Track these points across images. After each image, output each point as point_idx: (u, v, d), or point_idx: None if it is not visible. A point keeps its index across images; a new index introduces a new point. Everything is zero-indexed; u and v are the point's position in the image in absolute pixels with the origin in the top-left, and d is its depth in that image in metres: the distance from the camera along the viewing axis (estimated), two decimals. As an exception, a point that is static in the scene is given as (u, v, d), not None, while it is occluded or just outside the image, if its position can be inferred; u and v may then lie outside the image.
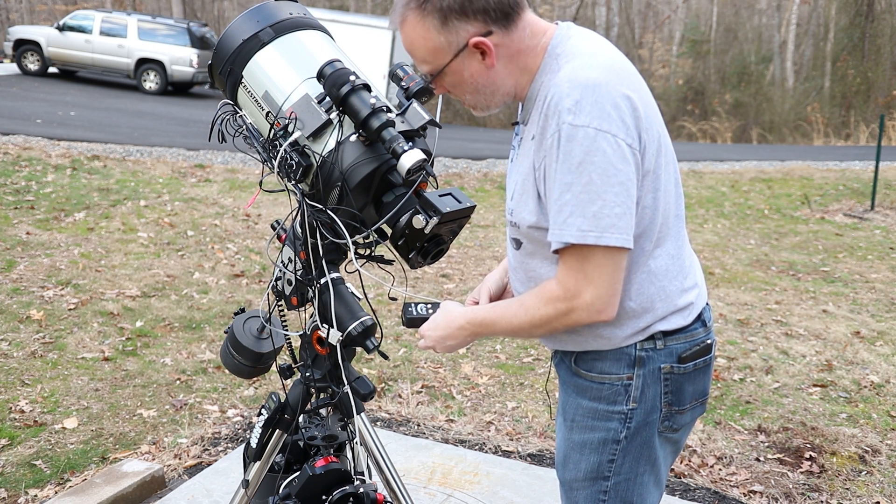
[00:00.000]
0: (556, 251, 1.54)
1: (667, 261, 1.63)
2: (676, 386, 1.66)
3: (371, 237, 1.79)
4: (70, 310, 5.00)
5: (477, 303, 1.95)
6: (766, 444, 3.77)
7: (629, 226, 1.50)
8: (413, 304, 1.84)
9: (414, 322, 1.81)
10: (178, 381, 4.15)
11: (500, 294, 1.94)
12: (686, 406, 1.69)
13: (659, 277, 1.62)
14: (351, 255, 1.76)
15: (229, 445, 3.48)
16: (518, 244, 1.68)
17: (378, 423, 3.74)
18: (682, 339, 1.66)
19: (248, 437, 3.00)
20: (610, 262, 1.50)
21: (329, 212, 1.71)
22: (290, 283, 1.90)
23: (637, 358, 1.63)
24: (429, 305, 1.82)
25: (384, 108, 1.67)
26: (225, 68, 1.82)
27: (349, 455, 2.03)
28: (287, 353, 2.03)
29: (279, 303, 1.97)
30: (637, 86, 1.56)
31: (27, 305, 5.00)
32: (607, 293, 1.52)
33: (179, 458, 3.33)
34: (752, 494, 3.30)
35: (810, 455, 3.65)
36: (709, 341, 1.70)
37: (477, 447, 3.58)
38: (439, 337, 1.74)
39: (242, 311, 2.08)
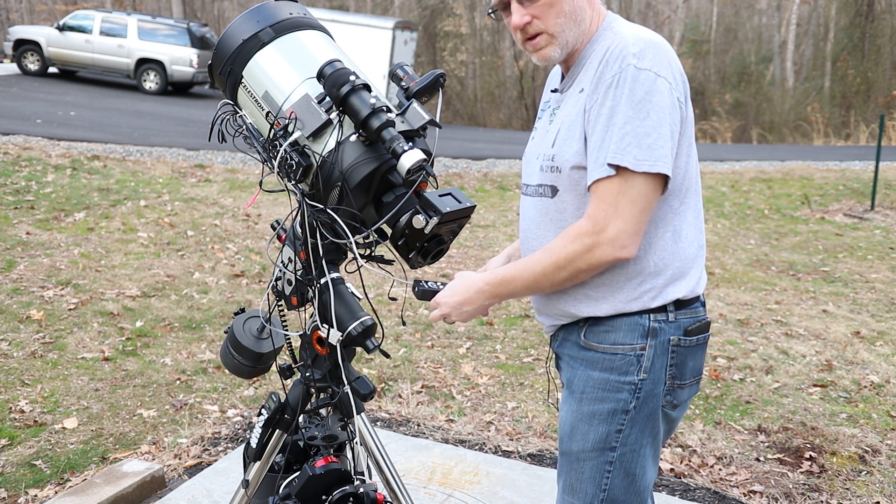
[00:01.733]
0: (594, 182, 1.63)
1: (688, 227, 1.76)
2: (681, 359, 1.76)
3: (371, 237, 1.79)
4: (70, 310, 5.00)
5: None
6: (766, 444, 3.77)
7: (672, 163, 1.65)
8: (424, 281, 1.87)
9: (426, 294, 1.84)
10: (178, 381, 4.15)
11: None
12: (686, 381, 1.79)
13: (682, 239, 1.74)
14: (355, 253, 1.76)
15: (229, 445, 3.48)
16: (554, 191, 1.75)
17: (378, 423, 3.74)
18: (688, 314, 1.77)
19: (248, 437, 3.00)
20: (644, 198, 1.62)
21: (329, 212, 1.71)
22: (290, 283, 1.90)
23: (650, 329, 1.73)
24: (439, 282, 1.85)
25: (384, 108, 1.67)
26: (225, 68, 1.82)
27: (349, 455, 2.03)
28: (287, 353, 2.03)
29: (279, 303, 1.97)
30: (679, 63, 1.73)
31: (27, 305, 5.00)
32: (632, 229, 1.63)
33: (179, 458, 3.33)
34: (752, 494, 3.31)
35: (810, 455, 3.65)
36: (707, 319, 1.83)
37: (477, 447, 3.57)
38: (456, 303, 1.79)
39: (242, 311, 2.07)
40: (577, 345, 1.79)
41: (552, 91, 1.89)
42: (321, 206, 1.72)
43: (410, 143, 1.65)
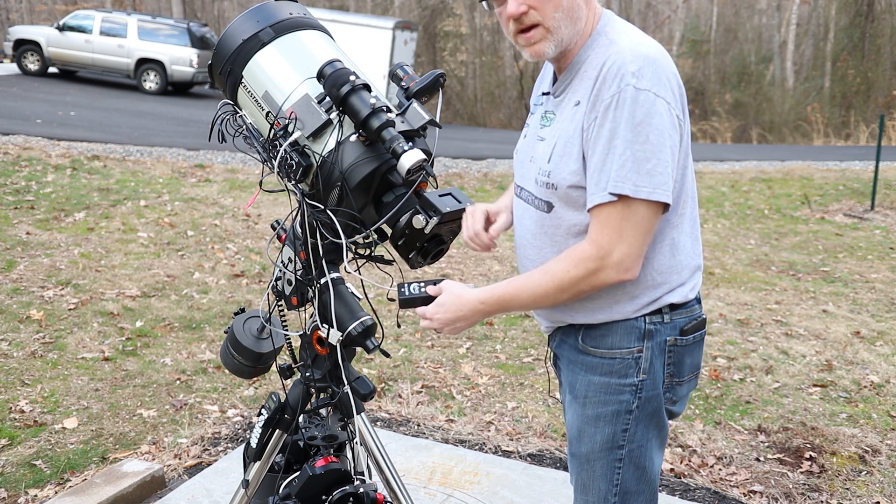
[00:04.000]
0: (595, 206, 1.61)
1: (685, 237, 1.75)
2: (678, 358, 1.77)
3: (371, 237, 1.79)
4: (70, 310, 5.00)
5: (488, 218, 1.95)
6: (766, 444, 3.77)
7: (672, 187, 1.63)
8: (406, 284, 1.79)
9: (410, 302, 1.76)
10: (178, 381, 4.15)
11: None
12: (684, 378, 1.80)
13: (679, 251, 1.74)
14: (346, 259, 1.76)
15: (229, 445, 3.48)
16: (550, 207, 1.73)
17: (378, 423, 3.74)
18: (683, 314, 1.77)
19: (248, 437, 3.00)
20: (646, 222, 1.61)
21: (329, 212, 1.71)
22: (290, 283, 1.90)
23: (647, 331, 1.73)
24: (422, 284, 1.78)
25: (384, 108, 1.68)
26: (225, 68, 1.82)
27: (349, 455, 2.03)
28: (287, 353, 2.03)
29: (279, 303, 1.97)
30: (677, 73, 1.69)
31: (27, 305, 5.00)
32: (636, 252, 1.63)
33: (179, 458, 3.33)
34: (752, 494, 3.31)
35: (810, 455, 3.65)
36: (703, 317, 1.83)
37: (477, 447, 3.57)
38: (449, 319, 1.74)
39: (242, 311, 2.08)
40: (575, 348, 1.79)
41: (543, 94, 1.84)
42: (321, 207, 1.72)
43: (410, 143, 1.65)
